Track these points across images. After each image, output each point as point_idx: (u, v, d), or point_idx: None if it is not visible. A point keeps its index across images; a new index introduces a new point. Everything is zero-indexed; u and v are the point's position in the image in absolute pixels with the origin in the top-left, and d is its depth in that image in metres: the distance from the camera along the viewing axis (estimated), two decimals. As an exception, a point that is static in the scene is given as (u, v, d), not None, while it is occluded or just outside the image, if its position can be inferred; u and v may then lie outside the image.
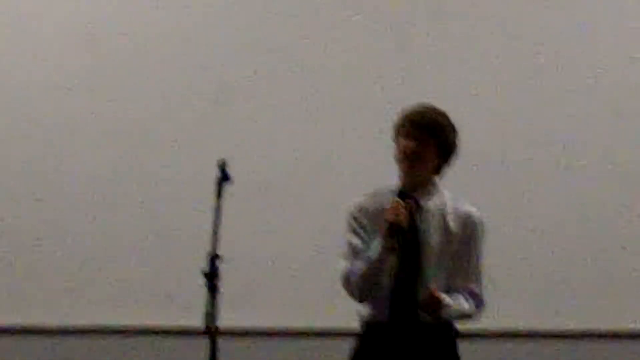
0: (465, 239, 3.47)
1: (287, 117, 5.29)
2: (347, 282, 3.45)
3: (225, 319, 3.25)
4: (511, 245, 5.09)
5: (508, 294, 4.98)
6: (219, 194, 3.21)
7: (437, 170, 3.53)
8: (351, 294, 3.46)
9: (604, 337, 5.11)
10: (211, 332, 3.15)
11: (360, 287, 3.42)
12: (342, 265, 3.48)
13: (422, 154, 3.44)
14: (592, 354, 5.11)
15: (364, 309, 3.50)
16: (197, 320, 3.19)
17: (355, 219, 3.50)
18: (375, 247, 3.38)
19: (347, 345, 3.56)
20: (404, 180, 3.47)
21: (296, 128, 5.28)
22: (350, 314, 3.57)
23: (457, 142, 3.54)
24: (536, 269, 5.16)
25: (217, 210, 3.19)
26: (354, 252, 3.46)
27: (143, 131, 5.30)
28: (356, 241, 3.47)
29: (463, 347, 3.54)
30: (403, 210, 3.36)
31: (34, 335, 5.13)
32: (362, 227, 3.48)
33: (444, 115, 3.51)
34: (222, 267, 3.18)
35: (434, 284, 3.39)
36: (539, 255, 5.18)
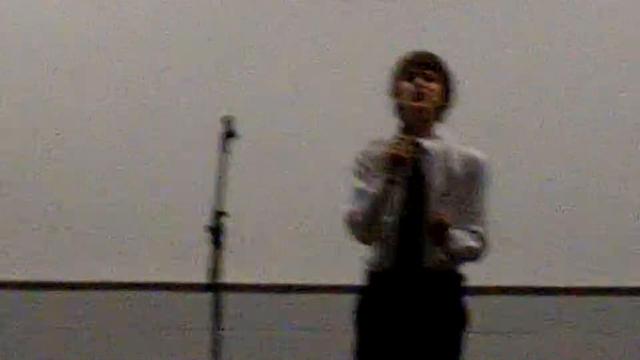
0: (470, 181, 3.47)
1: (295, 75, 5.30)
2: (350, 221, 3.44)
3: (230, 275, 3.26)
4: (515, 201, 5.10)
5: (513, 249, 5.00)
6: (223, 150, 3.20)
7: (440, 114, 3.52)
8: (354, 233, 3.46)
9: (605, 293, 5.14)
10: (215, 287, 3.15)
11: (362, 224, 3.41)
12: (346, 208, 3.47)
13: (431, 90, 3.44)
14: (593, 309, 5.14)
15: (370, 256, 3.49)
16: (201, 276, 3.19)
17: (360, 163, 3.50)
18: (377, 183, 3.38)
19: (351, 301, 3.57)
20: (408, 123, 3.46)
21: (303, 85, 5.29)
22: (355, 270, 3.57)
23: (455, 84, 3.54)
24: (540, 225, 5.18)
25: (222, 165, 3.19)
26: (359, 195, 3.45)
27: (153, 86, 5.30)
28: (360, 184, 3.46)
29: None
30: (404, 143, 3.36)
31: (42, 290, 5.17)
32: (367, 169, 3.47)
33: (439, 56, 3.52)
34: (227, 223, 3.18)
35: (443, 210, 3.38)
36: (541, 211, 5.18)
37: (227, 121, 3.25)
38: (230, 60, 5.32)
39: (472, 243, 3.43)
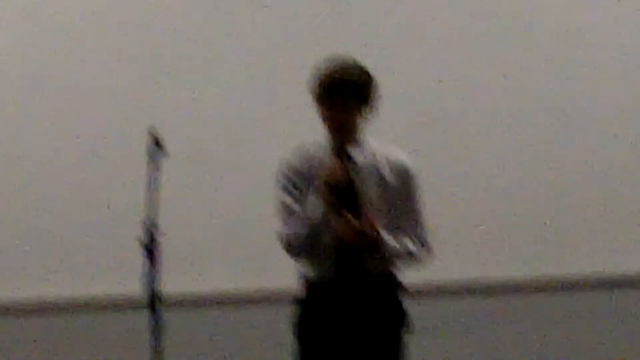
0: (402, 188, 3.46)
1: (219, 81, 5.28)
2: (289, 244, 3.42)
3: (167, 287, 3.22)
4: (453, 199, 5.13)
5: (450, 246, 5.03)
6: (151, 162, 3.16)
7: (362, 119, 3.49)
8: (293, 255, 3.44)
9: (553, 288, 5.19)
10: (152, 301, 3.11)
11: (303, 248, 3.39)
12: (280, 228, 3.44)
13: (347, 117, 3.41)
14: (540, 304, 5.18)
15: (306, 269, 3.47)
16: (137, 290, 3.16)
17: (286, 177, 3.47)
18: (312, 204, 3.36)
19: (287, 309, 3.54)
20: (333, 138, 3.44)
21: (228, 91, 5.27)
22: (291, 275, 3.55)
23: (376, 89, 3.48)
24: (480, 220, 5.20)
25: (151, 177, 3.15)
26: (289, 212, 3.43)
27: (78, 99, 5.26)
28: (290, 200, 3.44)
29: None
30: (339, 169, 3.34)
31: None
32: (295, 185, 3.45)
33: (359, 68, 3.44)
34: (160, 235, 3.15)
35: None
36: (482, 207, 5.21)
37: (153, 132, 3.20)
38: (158, 72, 5.28)
39: (410, 246, 3.43)
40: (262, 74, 5.28)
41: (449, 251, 5.00)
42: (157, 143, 3.18)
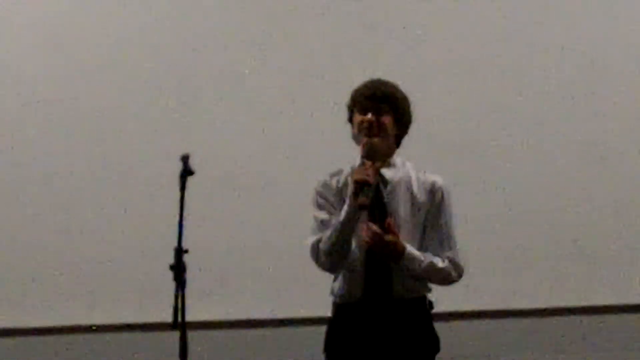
0: (433, 207, 3.49)
1: (251, 110, 5.31)
2: (316, 251, 3.45)
3: (195, 312, 3.26)
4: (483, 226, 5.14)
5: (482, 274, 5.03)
6: (182, 188, 3.21)
7: (397, 142, 3.56)
8: (320, 262, 3.46)
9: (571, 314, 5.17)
10: (180, 325, 3.14)
11: (329, 252, 3.41)
12: (310, 239, 3.48)
13: (380, 124, 3.47)
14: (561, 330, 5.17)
15: (337, 286, 3.49)
16: (167, 315, 3.18)
17: (320, 194, 3.52)
18: (344, 209, 3.38)
19: (317, 334, 3.56)
20: (365, 155, 3.47)
21: (260, 120, 5.30)
22: (319, 302, 3.57)
23: (410, 112, 3.56)
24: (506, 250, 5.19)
25: (181, 203, 3.19)
26: (322, 226, 3.46)
27: (109, 127, 5.30)
28: (323, 215, 3.48)
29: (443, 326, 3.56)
30: (370, 168, 3.37)
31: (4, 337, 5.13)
32: (328, 201, 3.49)
33: (394, 86, 3.54)
34: (189, 260, 3.18)
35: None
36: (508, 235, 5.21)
37: (185, 159, 3.25)
38: (188, 98, 5.32)
39: (440, 264, 3.43)
40: (291, 101, 5.31)
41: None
42: (189, 170, 3.22)
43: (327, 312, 3.52)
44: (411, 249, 3.38)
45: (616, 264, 5.16)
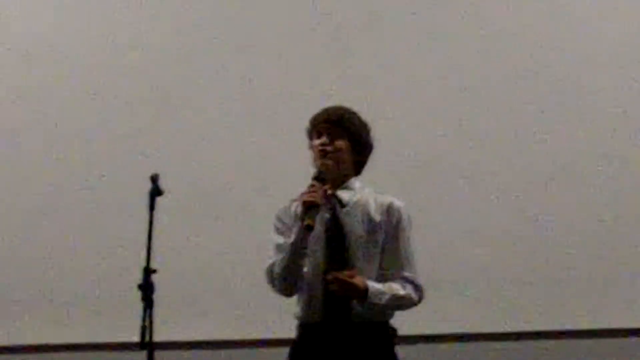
0: (390, 228, 3.48)
1: (221, 131, 5.31)
2: (270, 274, 3.45)
3: (162, 332, 3.25)
4: (450, 246, 5.15)
5: (450, 296, 5.04)
6: (151, 207, 3.21)
7: (355, 168, 3.57)
8: (274, 285, 3.46)
9: (546, 337, 5.17)
10: (148, 345, 3.14)
11: (281, 275, 3.41)
12: (267, 262, 3.48)
13: (334, 147, 3.49)
14: (535, 353, 5.17)
15: (298, 311, 3.49)
16: (134, 334, 3.17)
17: (278, 219, 3.53)
18: (294, 231, 3.39)
19: (284, 355, 3.56)
20: (315, 177, 3.46)
21: (230, 140, 5.30)
22: (286, 324, 3.57)
23: (369, 138, 3.58)
24: (477, 271, 5.20)
25: (150, 223, 3.19)
26: (277, 250, 3.46)
27: (78, 146, 5.30)
28: (279, 240, 3.48)
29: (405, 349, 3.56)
30: (317, 190, 3.37)
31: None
32: (285, 226, 3.49)
33: (352, 112, 3.56)
34: (157, 280, 3.18)
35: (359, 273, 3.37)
36: (479, 257, 5.22)
37: (154, 179, 3.25)
38: (158, 118, 5.32)
39: (402, 292, 3.42)
40: (262, 122, 5.32)
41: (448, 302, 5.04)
42: (158, 190, 3.22)
43: (294, 334, 3.52)
44: (372, 284, 3.37)
45: (587, 288, 5.17)
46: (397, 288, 3.42)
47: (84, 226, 5.23)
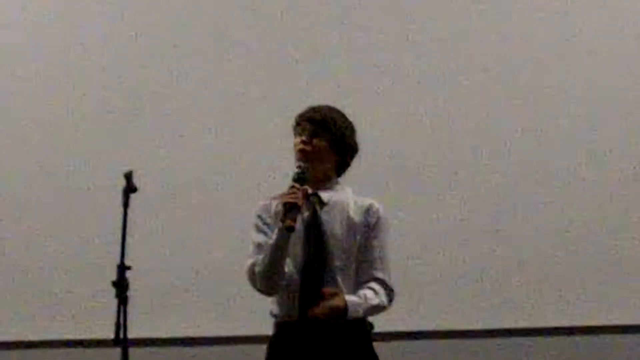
0: (368, 228, 3.50)
1: (196, 127, 5.31)
2: (252, 273, 3.44)
3: (137, 329, 3.25)
4: (426, 245, 5.17)
5: (424, 294, 5.06)
6: (125, 204, 3.20)
7: (337, 168, 3.58)
8: (255, 285, 3.45)
9: (519, 334, 5.19)
10: (122, 342, 3.14)
11: (263, 275, 3.40)
12: (247, 261, 3.47)
13: (314, 147, 3.50)
14: (510, 350, 5.20)
15: (275, 308, 3.49)
16: (109, 331, 3.16)
17: (259, 217, 3.52)
18: (275, 232, 3.39)
19: (259, 352, 3.56)
20: (295, 179, 3.46)
21: (204, 136, 5.30)
22: (261, 321, 3.57)
23: (352, 139, 3.59)
24: (452, 269, 5.21)
25: (124, 220, 3.19)
26: (258, 249, 3.46)
27: (51, 142, 5.28)
28: (260, 238, 3.47)
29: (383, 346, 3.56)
30: (298, 191, 3.37)
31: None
32: (266, 224, 3.50)
33: (337, 112, 3.57)
34: (131, 277, 3.17)
35: (337, 289, 3.38)
36: (454, 255, 5.24)
37: (128, 176, 3.24)
38: (132, 114, 5.31)
39: (375, 302, 3.44)
40: (237, 118, 5.31)
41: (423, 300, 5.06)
42: (132, 187, 3.22)
43: (269, 331, 3.52)
44: (350, 299, 3.38)
45: (561, 285, 5.20)
46: (371, 297, 3.43)
47: (58, 223, 5.21)
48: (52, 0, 5.44)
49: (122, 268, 3.15)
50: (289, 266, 3.43)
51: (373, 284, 3.46)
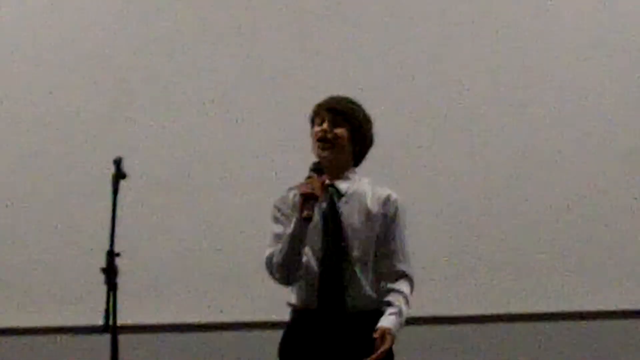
0: (387, 220, 3.51)
1: (185, 114, 5.31)
2: (270, 263, 3.46)
3: (126, 315, 3.26)
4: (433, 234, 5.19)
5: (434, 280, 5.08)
6: (115, 191, 3.21)
7: (354, 159, 3.59)
8: (273, 275, 3.47)
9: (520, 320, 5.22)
10: (111, 329, 3.14)
11: (280, 265, 3.41)
12: (266, 252, 3.49)
13: (335, 136, 3.50)
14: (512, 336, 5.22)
15: (293, 297, 3.51)
16: (98, 318, 3.16)
17: (277, 208, 3.53)
18: (293, 222, 3.40)
19: (248, 338, 3.57)
20: (319, 157, 3.50)
21: (193, 123, 5.30)
22: (250, 306, 3.59)
23: (370, 131, 3.60)
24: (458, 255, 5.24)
25: (114, 206, 3.19)
26: (276, 239, 3.47)
27: (41, 128, 5.27)
28: (278, 229, 3.49)
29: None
30: (315, 181, 3.39)
31: None
32: (284, 214, 3.51)
33: (356, 104, 3.57)
34: (121, 263, 3.17)
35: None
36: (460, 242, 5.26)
37: (118, 162, 3.24)
38: (121, 101, 5.31)
39: (407, 307, 3.47)
40: (224, 105, 5.31)
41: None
42: (122, 173, 3.22)
43: (259, 317, 3.53)
44: (393, 326, 3.41)
45: (547, 272, 5.23)
46: (404, 306, 3.46)
47: (47, 209, 5.21)
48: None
49: (112, 254, 3.15)
50: (307, 257, 3.45)
51: (401, 285, 3.49)
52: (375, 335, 3.36)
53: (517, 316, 5.20)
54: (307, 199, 3.36)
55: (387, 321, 3.40)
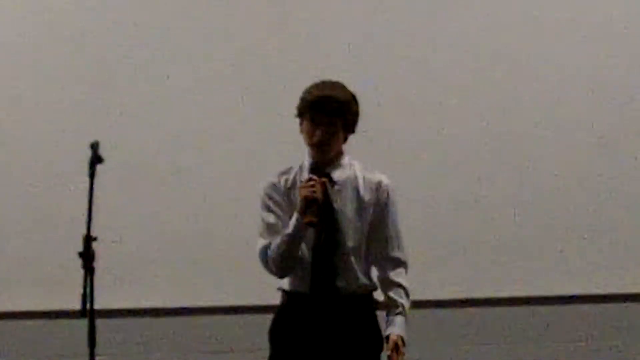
0: (379, 206, 3.52)
1: (163, 98, 5.29)
2: (265, 258, 3.47)
3: (104, 300, 3.25)
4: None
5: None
6: (91, 175, 3.20)
7: (344, 140, 3.56)
8: (269, 270, 3.48)
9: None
10: (89, 313, 3.14)
11: (278, 263, 3.43)
12: (259, 242, 3.49)
13: (331, 137, 3.48)
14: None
15: (285, 283, 3.52)
16: (75, 302, 3.16)
17: (268, 196, 3.52)
18: (293, 223, 3.41)
19: (227, 322, 3.58)
20: (314, 158, 3.50)
21: (172, 108, 5.29)
22: (228, 291, 3.59)
23: (358, 112, 3.56)
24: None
25: (90, 191, 3.18)
26: (269, 229, 3.48)
27: (17, 113, 5.25)
28: (271, 218, 3.49)
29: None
30: (317, 184, 3.40)
31: None
32: (276, 203, 3.51)
33: (342, 89, 3.51)
34: (98, 248, 3.17)
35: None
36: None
37: (94, 146, 3.23)
38: (99, 84, 5.29)
39: (404, 298, 3.50)
40: (204, 89, 5.30)
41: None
42: (99, 157, 3.21)
43: (236, 301, 3.54)
44: (401, 330, 3.45)
45: (531, 256, 5.26)
46: (405, 301, 3.51)
47: (23, 194, 5.19)
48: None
49: (89, 239, 3.15)
50: (301, 246, 3.45)
51: (399, 277, 3.52)
52: (387, 350, 3.40)
53: (503, 300, 5.24)
54: (309, 203, 3.37)
55: (395, 326, 3.45)
